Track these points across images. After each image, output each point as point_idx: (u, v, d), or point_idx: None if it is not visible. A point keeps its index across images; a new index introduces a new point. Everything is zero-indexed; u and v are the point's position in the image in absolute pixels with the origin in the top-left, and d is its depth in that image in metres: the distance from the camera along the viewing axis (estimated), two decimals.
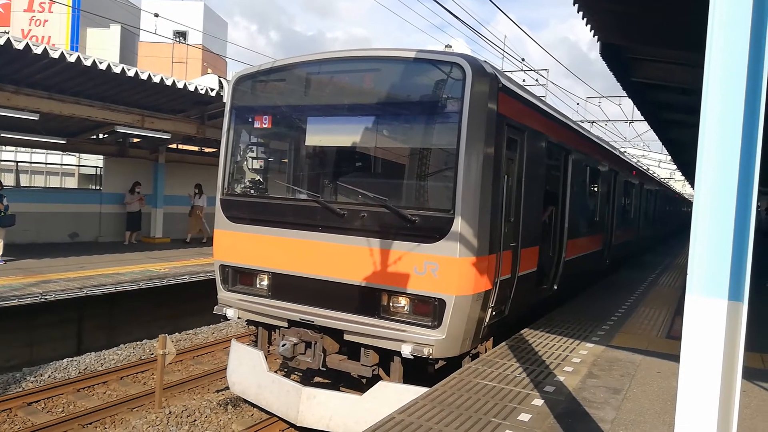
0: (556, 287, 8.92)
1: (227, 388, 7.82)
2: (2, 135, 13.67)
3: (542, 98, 9.88)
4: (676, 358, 2.64)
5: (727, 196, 2.42)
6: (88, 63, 10.08)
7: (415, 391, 5.36)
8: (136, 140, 16.98)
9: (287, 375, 7.51)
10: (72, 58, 9.84)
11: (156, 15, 17.23)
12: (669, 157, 29.72)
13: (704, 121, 2.47)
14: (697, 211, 2.50)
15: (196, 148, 20.09)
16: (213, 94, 12.46)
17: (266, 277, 6.83)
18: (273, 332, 7.10)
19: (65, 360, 9.67)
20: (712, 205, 2.46)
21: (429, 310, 5.77)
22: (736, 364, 2.46)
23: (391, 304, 5.99)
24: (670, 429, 3.83)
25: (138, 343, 10.91)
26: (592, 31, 8.31)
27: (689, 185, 44.12)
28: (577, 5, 7.22)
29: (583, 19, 7.71)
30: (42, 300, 9.60)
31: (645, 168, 25.82)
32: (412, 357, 5.68)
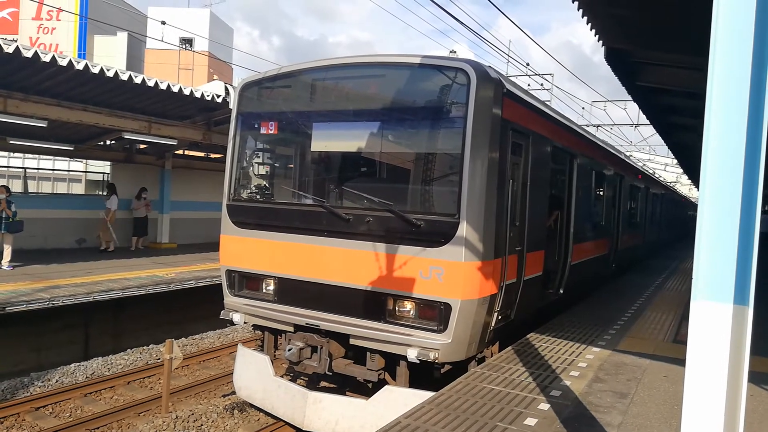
0: (562, 291, 8.90)
1: (234, 392, 7.84)
2: (11, 142, 13.79)
3: (547, 103, 9.89)
4: (683, 362, 2.64)
5: (731, 200, 2.43)
6: (95, 70, 10.17)
7: (421, 396, 5.36)
8: (142, 146, 17.10)
9: (293, 379, 7.53)
10: (80, 66, 9.93)
11: (163, 23, 17.36)
12: (675, 161, 29.61)
13: (708, 124, 2.48)
14: (702, 215, 2.51)
15: (202, 154, 20.20)
16: (219, 100, 12.54)
17: (272, 281, 6.85)
18: (279, 337, 7.12)
19: (72, 365, 9.71)
20: (716, 209, 2.46)
21: (435, 314, 5.78)
22: (742, 368, 2.46)
23: (396, 309, 6.00)
24: None
25: (145, 348, 10.94)
26: (597, 36, 8.32)
27: (695, 189, 43.89)
28: (581, 10, 7.24)
29: (587, 24, 7.73)
30: (50, 305, 9.66)
31: (651, 172, 25.74)
32: (418, 361, 5.68)
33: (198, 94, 12.15)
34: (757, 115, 2.38)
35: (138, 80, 10.85)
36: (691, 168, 27.36)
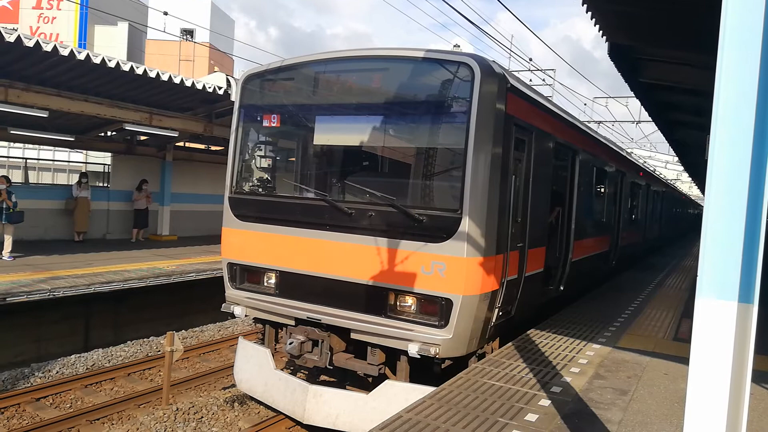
0: (562, 288, 8.90)
1: (234, 385, 7.85)
2: (12, 132, 13.76)
3: (549, 98, 9.87)
4: (683, 360, 2.65)
5: (737, 198, 2.42)
6: (97, 61, 10.13)
7: (422, 390, 5.38)
8: (143, 138, 17.07)
9: (294, 373, 7.54)
10: (81, 56, 9.90)
11: (165, 13, 17.29)
12: (676, 159, 29.58)
13: (715, 122, 2.47)
14: (708, 212, 2.50)
15: (203, 146, 20.17)
16: (221, 92, 12.51)
17: (274, 275, 6.85)
18: (280, 330, 7.13)
19: (73, 356, 9.72)
20: (722, 206, 2.46)
21: (436, 309, 5.78)
22: (745, 367, 2.46)
23: (398, 304, 6.00)
24: (677, 431, 3.82)
25: (145, 340, 10.96)
26: (601, 31, 8.29)
27: (696, 187, 43.88)
28: (585, 5, 7.20)
29: (591, 19, 7.69)
30: (50, 296, 9.67)
31: (652, 169, 25.72)
32: (418, 356, 5.69)
33: (199, 86, 12.12)
34: (765, 112, 2.37)
35: (139, 71, 10.81)
36: (692, 165, 27.33)
